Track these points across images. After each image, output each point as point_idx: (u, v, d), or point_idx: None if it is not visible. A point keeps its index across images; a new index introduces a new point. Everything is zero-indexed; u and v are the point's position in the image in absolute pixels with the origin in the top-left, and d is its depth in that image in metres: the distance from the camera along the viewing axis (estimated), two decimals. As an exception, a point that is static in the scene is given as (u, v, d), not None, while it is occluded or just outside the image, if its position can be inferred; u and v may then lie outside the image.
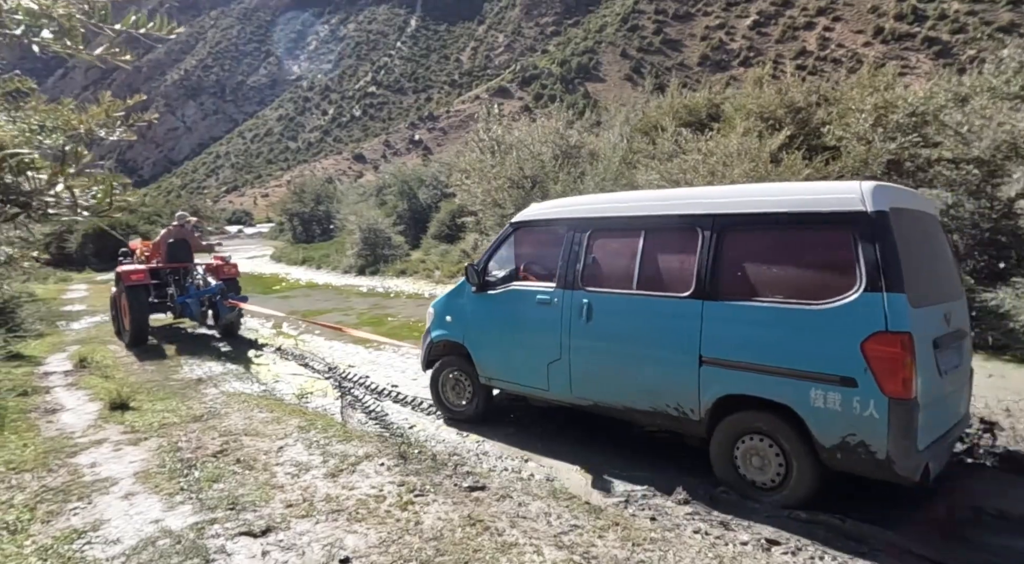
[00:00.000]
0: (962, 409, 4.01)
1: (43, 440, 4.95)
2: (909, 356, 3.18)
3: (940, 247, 4.10)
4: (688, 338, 3.89)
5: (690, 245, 3.99)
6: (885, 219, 3.32)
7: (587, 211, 4.77)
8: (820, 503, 3.58)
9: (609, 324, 4.35)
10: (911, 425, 3.20)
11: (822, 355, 3.39)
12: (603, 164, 14.06)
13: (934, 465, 3.38)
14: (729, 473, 3.85)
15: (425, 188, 26.33)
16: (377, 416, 5.84)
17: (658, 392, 4.09)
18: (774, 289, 3.65)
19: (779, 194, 3.87)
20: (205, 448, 4.65)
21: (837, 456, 3.40)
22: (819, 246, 3.64)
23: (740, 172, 8.61)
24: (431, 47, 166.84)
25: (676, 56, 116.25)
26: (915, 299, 3.30)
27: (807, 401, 3.44)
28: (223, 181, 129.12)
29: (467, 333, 5.32)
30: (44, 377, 7.37)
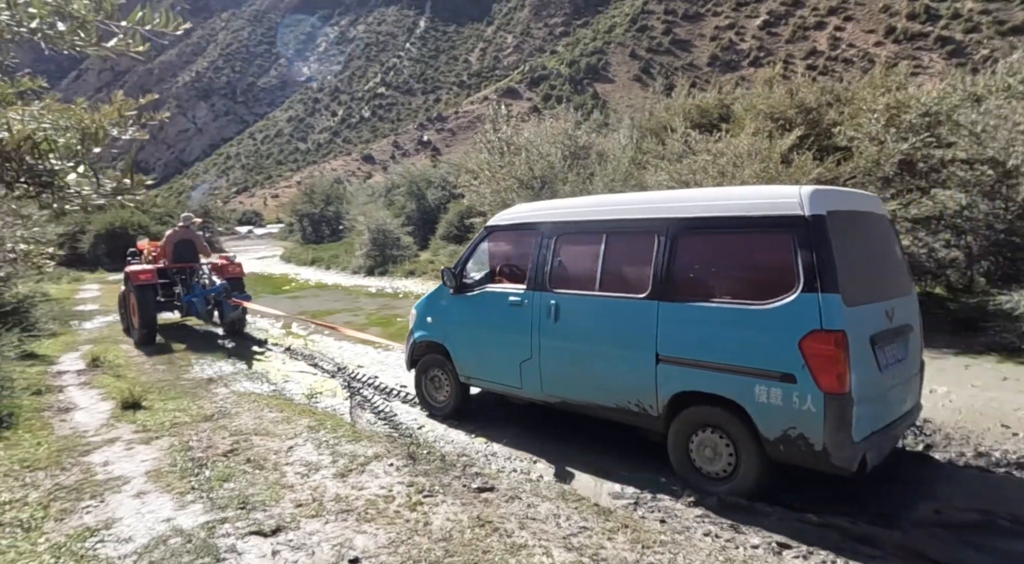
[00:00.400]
0: (909, 402, 4.14)
1: (56, 439, 5.00)
2: (843, 353, 3.36)
3: (886, 246, 4.27)
4: (645, 337, 4.08)
5: (647, 248, 4.18)
6: (821, 223, 3.49)
7: (554, 215, 4.97)
8: (828, 504, 3.56)
9: (575, 324, 4.55)
10: (845, 418, 3.37)
11: (765, 353, 3.59)
12: (612, 165, 14.02)
13: (872, 456, 3.53)
14: (684, 464, 4.05)
15: (434, 189, 26.38)
16: (386, 416, 5.86)
17: (620, 389, 4.28)
18: (722, 290, 3.87)
19: (727, 199, 4.08)
20: (216, 447, 4.68)
21: (780, 448, 3.58)
22: (762, 249, 3.84)
23: (750, 173, 8.56)
24: (440, 48, 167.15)
25: (685, 56, 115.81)
26: (851, 298, 3.47)
27: (752, 396, 3.63)
28: (233, 182, 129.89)
29: (446, 334, 5.55)
30: (57, 376, 7.45)
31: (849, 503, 3.77)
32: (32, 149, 1.43)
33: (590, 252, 4.57)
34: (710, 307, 3.85)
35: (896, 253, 4.34)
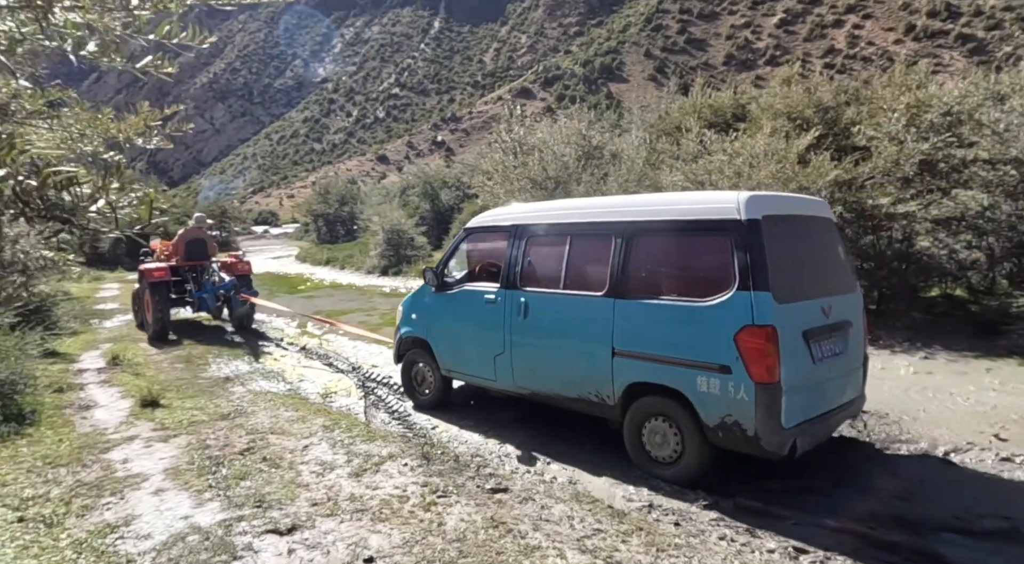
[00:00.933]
0: (850, 393, 4.38)
1: (77, 436, 5.08)
2: (772, 346, 3.63)
3: (828, 247, 4.52)
4: (603, 332, 4.37)
5: (605, 249, 4.49)
6: (756, 226, 3.76)
7: (525, 218, 5.29)
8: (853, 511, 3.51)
9: (542, 320, 4.86)
10: (775, 406, 3.63)
11: (705, 346, 3.86)
12: (626, 165, 13.97)
13: (803, 442, 3.78)
14: (637, 450, 4.34)
15: (448, 189, 26.46)
16: (400, 416, 5.89)
17: (582, 381, 4.58)
18: (670, 288, 4.17)
19: (675, 204, 4.43)
20: (232, 446, 4.73)
21: (719, 434, 3.85)
22: (704, 250, 4.14)
23: (767, 173, 8.48)
24: (454, 48, 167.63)
25: (701, 56, 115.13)
26: (782, 296, 3.73)
27: (695, 387, 3.91)
28: (249, 182, 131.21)
29: (428, 330, 5.89)
30: (78, 374, 7.57)
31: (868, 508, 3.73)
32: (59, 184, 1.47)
33: (556, 253, 4.87)
34: (659, 304, 4.13)
35: (839, 254, 4.57)
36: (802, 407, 3.83)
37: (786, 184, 8.29)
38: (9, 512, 3.64)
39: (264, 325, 11.17)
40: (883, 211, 8.12)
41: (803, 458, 4.32)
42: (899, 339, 7.64)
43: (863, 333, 4.57)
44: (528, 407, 5.80)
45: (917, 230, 8.40)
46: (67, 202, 1.53)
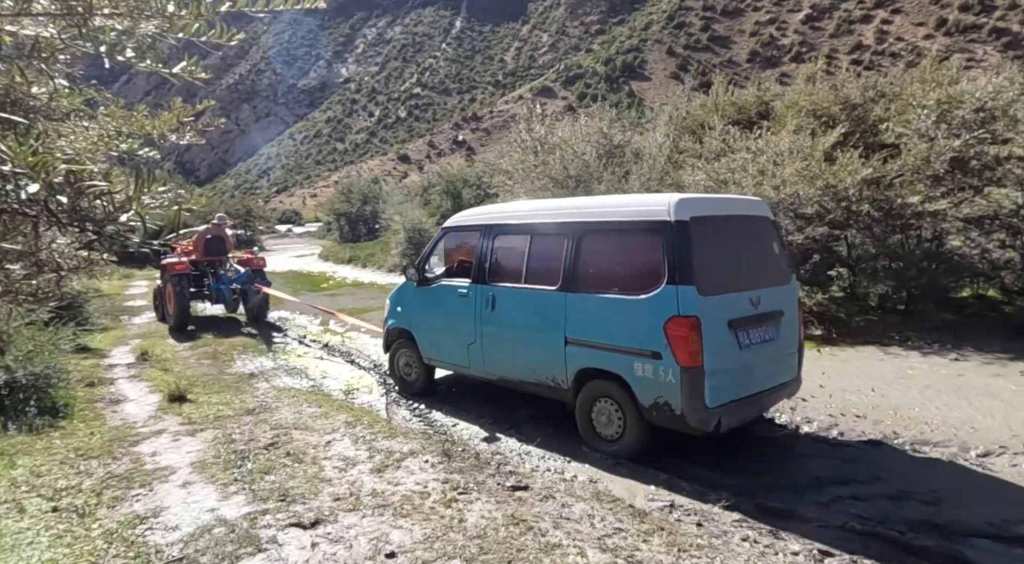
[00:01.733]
0: (782, 376, 4.73)
1: (108, 429, 5.21)
2: (696, 334, 4.03)
3: (761, 243, 4.85)
4: (557, 323, 4.80)
5: (559, 248, 4.91)
6: (684, 227, 4.16)
7: (493, 218, 5.74)
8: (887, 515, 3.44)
9: (507, 312, 5.29)
10: (698, 388, 4.05)
11: (641, 335, 4.27)
12: (648, 164, 13.86)
13: (728, 420, 4.17)
14: (588, 429, 4.77)
15: (469, 188, 26.51)
16: (421, 413, 5.93)
17: (540, 367, 5.02)
18: (612, 283, 4.55)
19: (617, 206, 4.80)
20: (257, 441, 4.81)
21: (653, 413, 4.28)
22: (641, 249, 4.48)
23: (791, 172, 8.36)
24: (475, 48, 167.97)
25: (724, 53, 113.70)
26: (707, 289, 4.12)
27: (633, 371, 4.33)
28: (274, 182, 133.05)
29: (411, 321, 6.35)
30: (109, 369, 7.76)
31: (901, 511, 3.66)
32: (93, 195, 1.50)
33: (519, 251, 5.30)
34: (603, 297, 4.55)
35: (774, 249, 4.90)
36: (727, 388, 4.23)
37: (812, 182, 8.17)
38: (44, 502, 3.74)
39: (287, 323, 11.33)
40: (912, 209, 7.94)
41: (831, 461, 4.26)
42: (928, 340, 7.48)
43: (798, 321, 4.93)
44: (546, 405, 5.80)
45: (948, 229, 8.20)
46: (98, 212, 1.56)
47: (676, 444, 4.82)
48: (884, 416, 5.28)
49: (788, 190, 8.17)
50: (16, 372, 5.40)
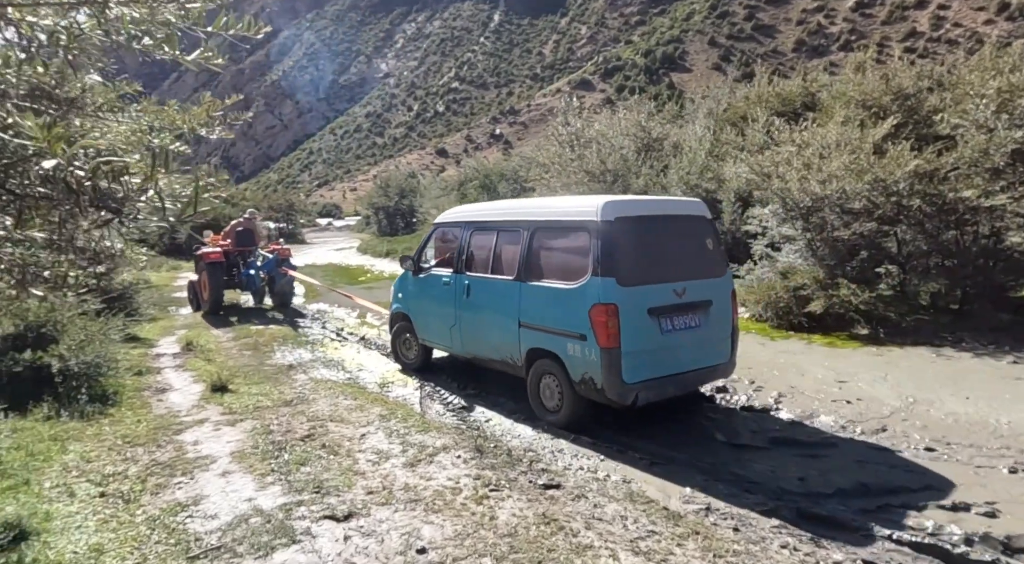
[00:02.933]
0: (711, 360, 5.19)
1: (154, 417, 5.39)
2: (614, 319, 4.58)
3: (693, 239, 5.34)
4: (513, 309, 5.44)
5: (517, 242, 5.54)
6: (608, 226, 4.73)
7: (470, 216, 6.44)
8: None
9: (478, 299, 5.94)
10: (615, 366, 4.60)
11: (572, 320, 4.84)
12: (688, 157, 13.59)
13: (645, 395, 4.70)
14: (536, 401, 5.40)
15: (506, 182, 26.49)
16: (454, 408, 5.94)
17: (501, 347, 5.67)
18: (554, 274, 5.16)
19: (560, 207, 5.46)
20: (294, 432, 4.90)
21: (582, 387, 4.86)
22: (575, 245, 5.00)
23: (839, 165, 8.05)
24: (514, 41, 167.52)
25: (769, 43, 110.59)
26: (627, 281, 4.67)
27: (566, 351, 4.93)
28: (315, 176, 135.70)
29: (409, 306, 7.08)
30: (156, 358, 8.03)
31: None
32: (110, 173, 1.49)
33: (488, 244, 5.91)
34: (547, 286, 5.16)
35: (707, 245, 5.37)
36: (646, 367, 4.73)
37: (860, 176, 7.86)
38: (92, 487, 3.89)
39: (326, 315, 11.53)
40: (967, 204, 7.56)
41: (879, 467, 4.10)
42: (984, 341, 7.13)
43: (731, 311, 5.37)
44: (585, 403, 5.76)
45: (1007, 225, 7.77)
46: (117, 192, 1.54)
47: (716, 450, 4.72)
48: (938, 421, 5.05)
49: (835, 185, 7.88)
50: (69, 361, 5.62)
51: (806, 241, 8.74)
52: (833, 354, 7.09)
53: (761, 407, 5.47)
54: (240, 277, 11.68)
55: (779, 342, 7.77)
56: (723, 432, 4.96)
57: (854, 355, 7.01)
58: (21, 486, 3.81)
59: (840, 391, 5.82)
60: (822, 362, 6.79)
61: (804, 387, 5.96)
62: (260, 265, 11.30)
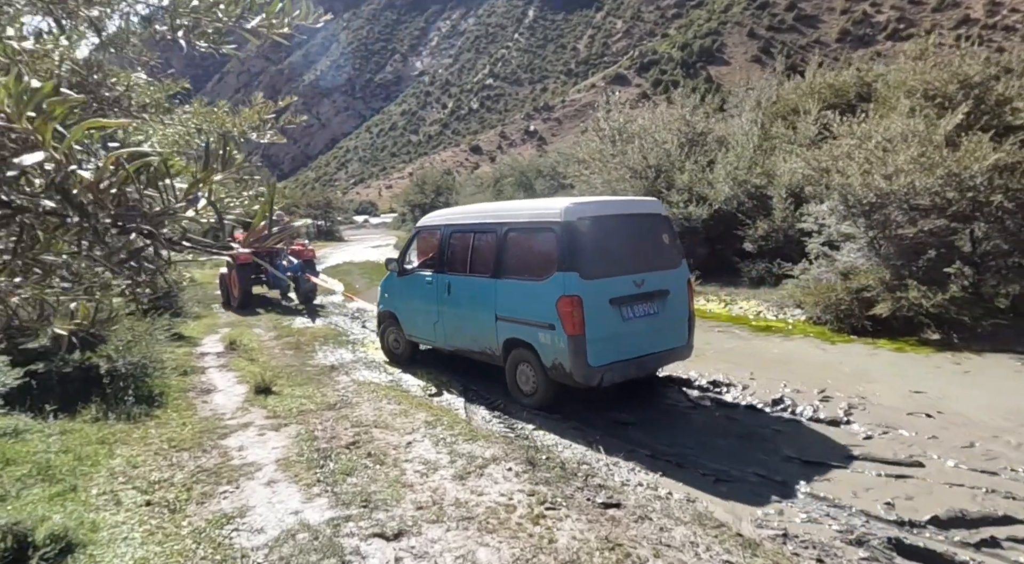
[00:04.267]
0: (669, 344, 5.69)
1: (199, 420, 5.32)
2: (579, 310, 5.07)
3: (651, 235, 5.79)
4: (490, 304, 5.91)
5: (491, 243, 6.01)
6: (571, 227, 5.21)
7: (448, 219, 6.92)
8: None
9: (458, 296, 6.39)
10: (581, 351, 5.09)
11: (542, 311, 5.32)
12: (735, 152, 13.08)
13: (609, 376, 5.23)
14: (514, 387, 5.88)
15: (542, 179, 26.21)
16: (501, 414, 5.74)
17: (481, 339, 6.14)
18: (525, 271, 5.62)
19: (528, 210, 5.91)
20: (339, 438, 4.76)
21: (553, 372, 5.36)
22: (543, 244, 5.48)
23: (906, 159, 7.55)
24: (548, 37, 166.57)
25: (811, 33, 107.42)
26: (589, 274, 5.15)
27: (538, 339, 5.42)
28: (351, 174, 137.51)
29: (395, 305, 7.53)
30: (200, 357, 8.04)
31: None
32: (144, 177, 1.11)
33: (465, 246, 6.36)
34: (519, 282, 5.65)
35: (663, 239, 5.83)
36: (609, 352, 5.22)
37: (931, 170, 7.35)
38: (139, 495, 3.80)
39: (365, 314, 11.47)
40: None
41: (975, 498, 3.75)
42: (1070, 349, 6.58)
43: (687, 299, 5.89)
44: (633, 410, 5.48)
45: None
46: (153, 205, 1.15)
47: (785, 467, 4.40)
48: None
49: (903, 180, 7.39)
50: (117, 361, 5.61)
51: (868, 239, 8.25)
52: (903, 361, 6.64)
53: (830, 419, 5.10)
54: (268, 277, 12.28)
55: (841, 347, 7.34)
56: (792, 447, 4.62)
57: (927, 362, 6.54)
58: (68, 493, 3.74)
59: (917, 402, 5.40)
60: (892, 370, 6.35)
61: (876, 397, 5.55)
62: (287, 268, 11.85)
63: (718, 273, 11.98)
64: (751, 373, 6.45)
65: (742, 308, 9.72)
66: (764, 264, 10.93)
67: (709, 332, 8.54)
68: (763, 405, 5.50)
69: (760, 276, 10.94)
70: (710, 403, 5.72)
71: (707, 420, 5.30)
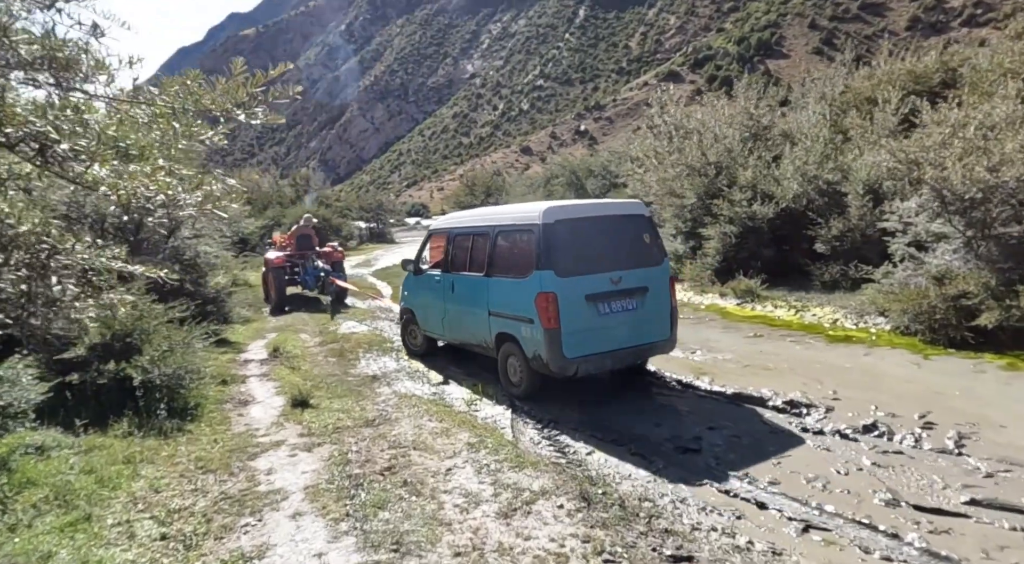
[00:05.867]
0: (649, 337, 5.90)
1: (231, 436, 5.04)
2: (554, 305, 5.42)
3: (630, 235, 6.03)
4: (484, 300, 6.31)
5: (485, 244, 6.41)
6: (549, 228, 5.56)
7: (453, 223, 7.53)
8: None
9: (460, 293, 6.84)
10: (556, 343, 5.41)
11: (523, 307, 5.63)
12: (804, 145, 12.12)
13: (584, 368, 5.54)
14: (504, 378, 6.23)
15: (594, 178, 25.52)
16: (549, 434, 5.22)
17: (477, 333, 6.55)
18: (511, 269, 5.99)
19: (513, 213, 6.30)
20: (374, 462, 4.36)
21: (534, 363, 5.65)
22: (525, 245, 5.82)
23: (1014, 147, 6.62)
24: (599, 36, 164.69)
25: (878, 22, 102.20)
26: (565, 272, 5.49)
27: (521, 333, 5.75)
28: (404, 176, 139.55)
29: (411, 302, 8.08)
30: (243, 365, 7.87)
31: None
32: None
33: (466, 247, 6.82)
34: (506, 280, 6.03)
35: (643, 239, 6.07)
36: (584, 345, 5.50)
37: None
38: (156, 526, 3.49)
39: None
40: None
41: None
42: None
43: (669, 295, 6.07)
44: (699, 432, 4.87)
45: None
46: None
47: (889, 511, 3.71)
48: None
49: (1014, 171, 6.47)
50: (151, 373, 5.40)
51: (965, 239, 7.32)
52: (1017, 380, 5.74)
53: (939, 450, 4.36)
54: (301, 277, 13.33)
55: (937, 362, 6.47)
56: (894, 486, 3.91)
57: None
58: (82, 522, 3.46)
59: (1043, 433, 4.57)
60: (1006, 391, 5.49)
61: (992, 424, 4.75)
62: (316, 270, 12.95)
63: (785, 276, 11.10)
64: (833, 392, 5.71)
65: (815, 315, 8.86)
66: (839, 267, 10.00)
67: (779, 342, 7.78)
68: (853, 432, 4.78)
69: (834, 280, 10.02)
70: (789, 427, 5.03)
71: (787, 448, 4.63)
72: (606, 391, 6.31)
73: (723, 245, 11.63)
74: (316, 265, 12.96)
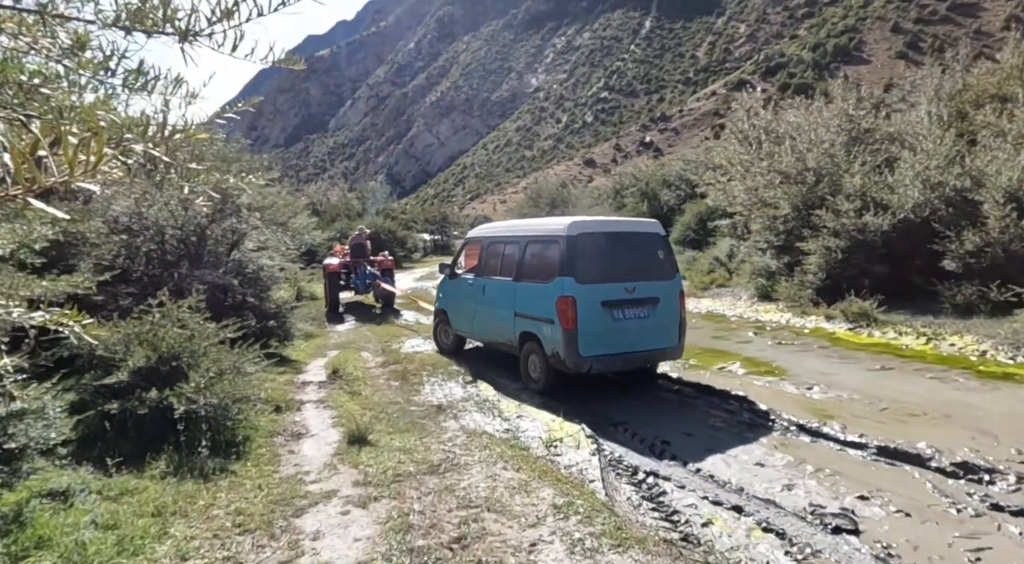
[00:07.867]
0: (658, 344, 6.56)
1: (277, 481, 4.36)
2: (572, 308, 6.11)
3: (645, 251, 6.75)
4: (511, 302, 7.10)
5: (516, 252, 7.23)
6: (572, 240, 6.32)
7: (487, 232, 8.21)
8: None
9: (490, 295, 7.59)
10: (573, 343, 6.11)
11: (545, 309, 6.42)
12: (925, 149, 10.64)
13: (597, 366, 6.23)
14: (525, 374, 6.93)
15: (667, 189, 24.24)
16: (651, 494, 4.27)
17: (504, 332, 7.26)
18: (537, 275, 6.77)
19: (542, 226, 7.19)
20: (440, 529, 3.55)
21: (552, 360, 6.39)
22: (550, 254, 6.61)
23: None
24: (665, 46, 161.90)
25: (970, 23, 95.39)
26: (584, 280, 6.20)
27: (542, 332, 6.51)
28: (468, 189, 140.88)
29: (445, 303, 8.87)
30: (301, 388, 7.31)
31: None
32: None
33: (497, 254, 7.56)
34: (532, 285, 6.77)
35: (657, 255, 6.76)
36: (599, 345, 6.18)
37: None
38: (171, 612, 2.79)
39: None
40: None
41: None
42: None
43: (679, 306, 6.67)
44: (851, 501, 3.80)
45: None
46: None
47: None
48: None
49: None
50: (196, 402, 4.82)
51: None
52: None
53: None
54: (353, 282, 14.45)
55: None
56: None
57: None
58: (86, 604, 2.81)
59: None
60: None
61: None
62: (367, 275, 14.15)
63: (902, 297, 9.69)
64: (1018, 451, 4.49)
65: (954, 345, 7.49)
66: (974, 287, 8.57)
67: (915, 378, 6.51)
68: None
69: (969, 302, 8.58)
70: (971, 499, 3.89)
71: (977, 533, 3.51)
72: (705, 429, 5.29)
73: (826, 261, 10.33)
74: (367, 270, 14.13)
